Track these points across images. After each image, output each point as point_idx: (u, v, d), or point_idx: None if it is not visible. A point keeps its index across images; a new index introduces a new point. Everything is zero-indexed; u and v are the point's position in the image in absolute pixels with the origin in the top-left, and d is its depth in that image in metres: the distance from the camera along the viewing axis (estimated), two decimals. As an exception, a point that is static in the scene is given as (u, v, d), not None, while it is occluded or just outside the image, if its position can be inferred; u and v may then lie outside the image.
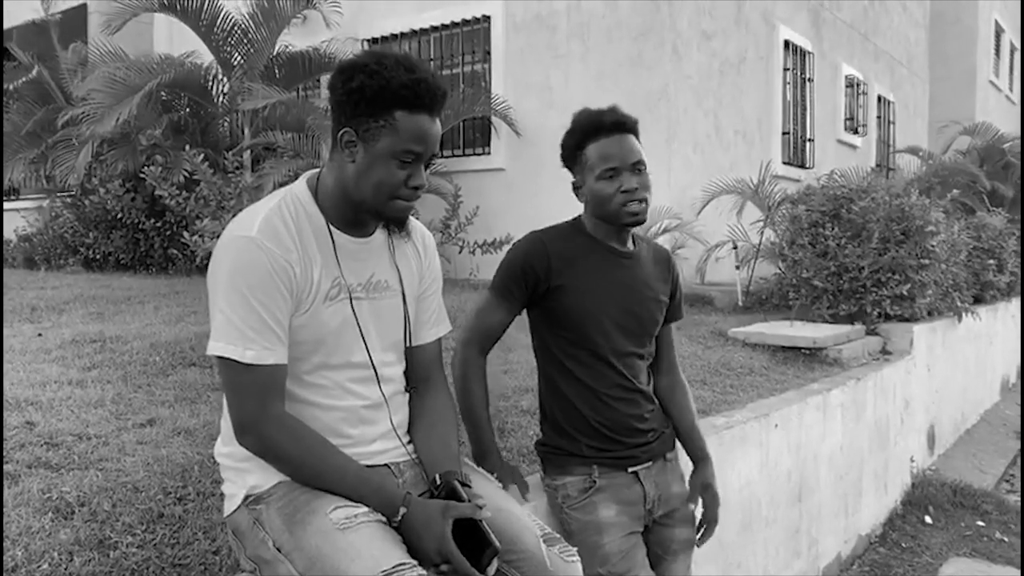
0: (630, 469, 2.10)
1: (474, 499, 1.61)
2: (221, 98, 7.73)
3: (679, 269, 2.31)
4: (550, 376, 2.14)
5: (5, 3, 10.83)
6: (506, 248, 2.16)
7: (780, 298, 5.74)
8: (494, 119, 7.64)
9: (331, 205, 1.67)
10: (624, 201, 2.01)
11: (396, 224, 1.72)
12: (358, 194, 1.63)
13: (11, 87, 8.68)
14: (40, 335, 3.84)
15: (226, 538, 1.79)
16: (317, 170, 1.74)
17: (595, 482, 2.07)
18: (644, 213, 2.04)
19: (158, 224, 7.25)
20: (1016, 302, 8.33)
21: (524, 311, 2.13)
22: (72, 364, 3.27)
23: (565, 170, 2.15)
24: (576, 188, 2.12)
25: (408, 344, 1.82)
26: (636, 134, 2.07)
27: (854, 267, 5.15)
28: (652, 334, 2.19)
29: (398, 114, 1.57)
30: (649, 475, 2.12)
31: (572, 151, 2.09)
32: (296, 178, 1.74)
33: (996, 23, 17.55)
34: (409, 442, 1.79)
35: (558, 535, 1.74)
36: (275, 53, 7.60)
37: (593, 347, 2.07)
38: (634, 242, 2.18)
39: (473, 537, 1.54)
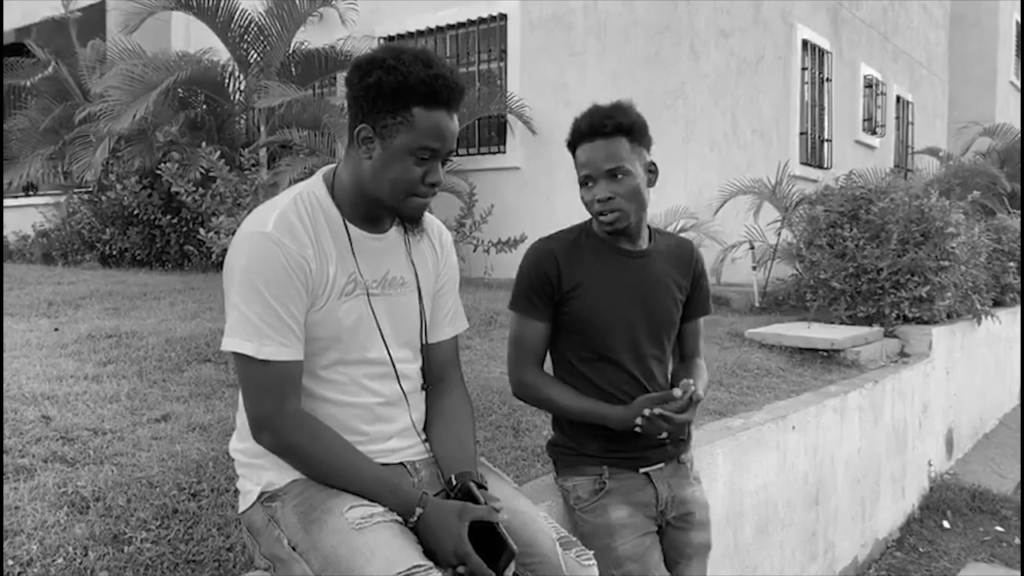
0: (641, 470, 2.08)
1: (490, 501, 1.60)
2: (237, 95, 7.75)
3: (704, 264, 2.24)
4: (562, 379, 2.11)
5: (25, 1, 10.91)
6: (521, 247, 2.14)
7: (797, 299, 5.70)
8: (510, 118, 7.62)
9: (347, 201, 1.66)
10: (598, 211, 1.98)
11: (411, 222, 1.71)
12: (375, 191, 1.62)
13: (29, 83, 8.75)
14: (57, 330, 3.85)
15: (240, 535, 1.79)
16: (333, 166, 1.73)
17: (605, 483, 2.05)
18: (622, 221, 1.99)
19: (174, 221, 7.28)
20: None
21: None
22: (88, 359, 3.28)
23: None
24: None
25: (424, 341, 1.81)
26: (628, 134, 1.96)
27: (872, 268, 5.10)
28: (669, 335, 2.15)
29: (415, 110, 1.56)
30: (662, 476, 2.09)
31: (571, 153, 2.05)
32: (312, 175, 1.73)
33: (1017, 24, 17.35)
34: (425, 440, 1.78)
35: (575, 538, 1.72)
36: (291, 51, 7.61)
37: (605, 351, 2.05)
38: (652, 238, 2.14)
39: (490, 539, 1.52)
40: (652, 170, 2.04)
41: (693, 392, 1.94)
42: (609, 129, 1.94)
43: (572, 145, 2.02)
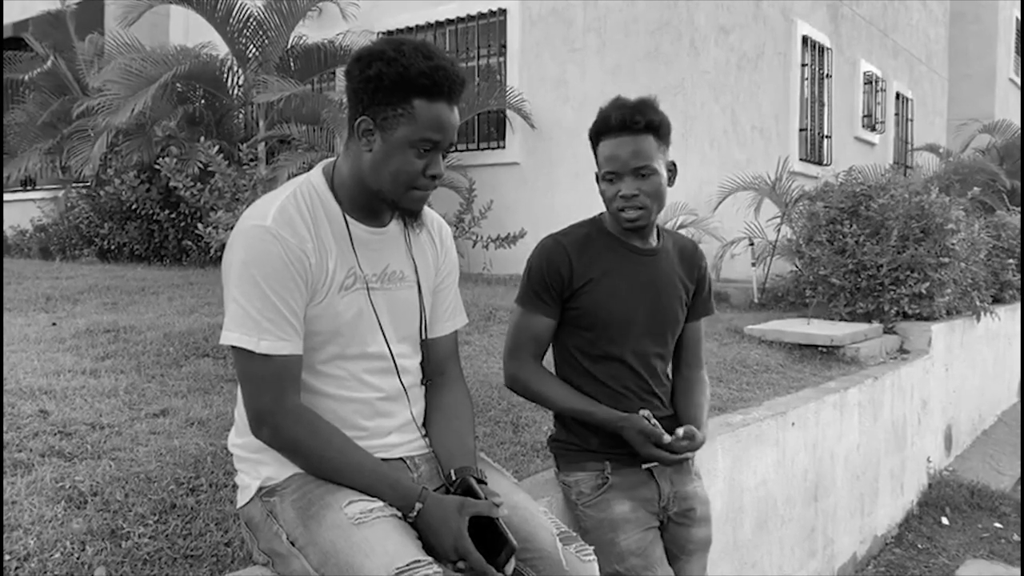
0: (644, 466, 2.06)
1: (490, 496, 1.59)
2: (236, 90, 7.73)
3: (706, 262, 2.24)
4: (566, 375, 2.11)
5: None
6: (520, 243, 2.13)
7: (797, 295, 5.69)
8: (509, 113, 7.61)
9: (347, 195, 1.65)
10: (621, 207, 1.97)
11: (410, 216, 1.70)
12: (375, 183, 1.60)
13: (27, 77, 8.72)
14: (55, 324, 3.84)
15: (239, 530, 1.78)
16: (332, 159, 1.72)
17: (607, 478, 2.04)
18: (644, 219, 1.99)
19: (172, 215, 7.26)
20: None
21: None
22: (86, 354, 3.27)
23: (580, 164, 2.11)
24: (597, 180, 2.07)
25: (424, 336, 1.80)
26: (656, 132, 1.96)
27: (872, 265, 5.10)
28: (674, 333, 2.15)
29: (416, 102, 1.54)
30: (664, 472, 2.08)
31: (592, 145, 2.04)
32: (310, 169, 1.72)
33: (1017, 21, 17.34)
34: (425, 435, 1.77)
35: (575, 533, 1.71)
36: (290, 45, 7.59)
37: (612, 348, 2.04)
38: (659, 236, 2.14)
39: (489, 535, 1.51)
40: (672, 169, 2.03)
41: (700, 441, 1.99)
42: (641, 126, 1.93)
43: (596, 137, 2.00)
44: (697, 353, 2.23)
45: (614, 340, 2.04)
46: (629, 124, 1.93)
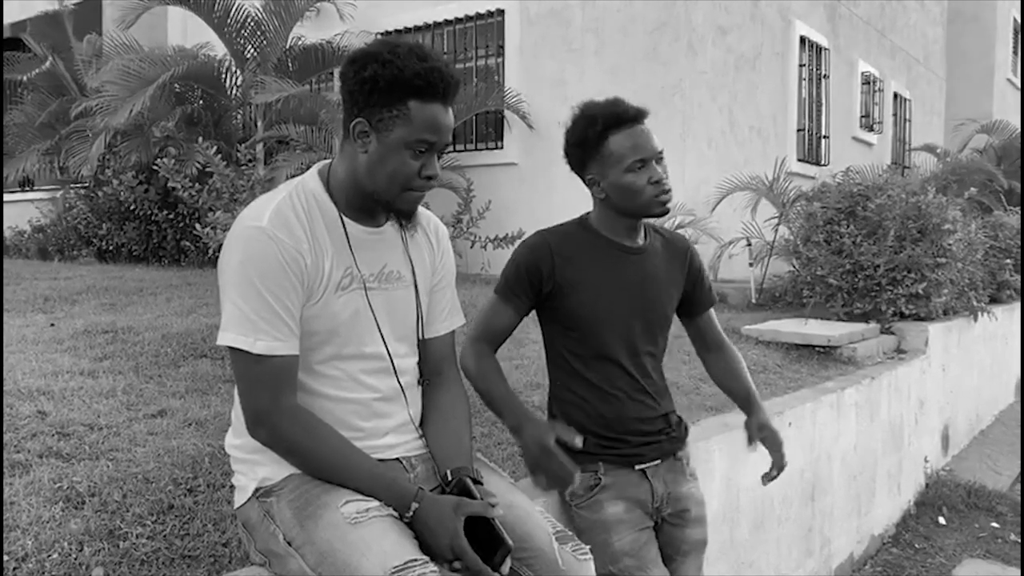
0: (637, 467, 2.07)
1: (486, 496, 1.59)
2: (234, 91, 7.72)
3: (699, 257, 2.24)
4: (557, 375, 2.11)
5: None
6: (518, 243, 2.13)
7: (794, 296, 5.70)
8: (507, 113, 7.61)
9: (343, 196, 1.65)
10: (656, 192, 1.97)
11: (405, 217, 1.70)
12: (371, 185, 1.61)
13: (25, 78, 8.71)
14: (53, 325, 3.84)
15: (236, 530, 1.79)
16: (328, 161, 1.72)
17: (600, 479, 2.04)
18: (670, 205, 2.03)
19: (171, 216, 7.26)
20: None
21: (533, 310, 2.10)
22: (84, 354, 3.27)
23: (578, 164, 2.12)
24: (593, 183, 2.04)
25: (420, 336, 1.80)
26: None
27: (869, 265, 5.11)
28: (664, 330, 2.15)
29: (411, 104, 1.55)
30: (657, 473, 2.09)
31: (592, 144, 2.00)
32: (307, 170, 1.73)
33: (1015, 21, 17.36)
34: (422, 436, 1.78)
35: (570, 532, 1.72)
36: (288, 46, 7.59)
37: (599, 347, 2.04)
38: (647, 235, 2.14)
39: (486, 534, 1.52)
40: None
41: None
42: (646, 116, 2.01)
43: (604, 133, 1.98)
44: (718, 335, 2.28)
45: (601, 340, 2.03)
46: (643, 113, 2.01)
